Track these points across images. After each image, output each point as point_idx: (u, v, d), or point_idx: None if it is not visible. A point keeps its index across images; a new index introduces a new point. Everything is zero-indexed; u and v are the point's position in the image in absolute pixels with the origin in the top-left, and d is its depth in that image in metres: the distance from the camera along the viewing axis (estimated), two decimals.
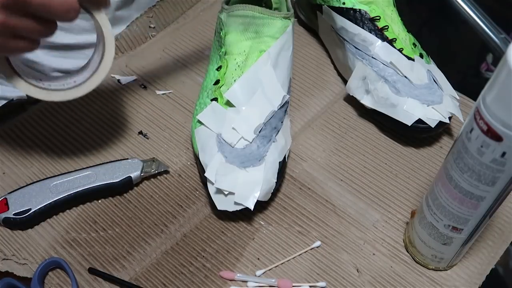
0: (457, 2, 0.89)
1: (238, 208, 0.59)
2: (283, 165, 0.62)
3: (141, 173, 0.63)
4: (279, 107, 0.63)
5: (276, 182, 0.60)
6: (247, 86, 0.63)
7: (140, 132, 0.69)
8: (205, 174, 0.59)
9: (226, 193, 0.58)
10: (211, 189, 0.59)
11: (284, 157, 0.63)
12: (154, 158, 0.65)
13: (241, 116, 0.62)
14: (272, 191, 0.60)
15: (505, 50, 0.41)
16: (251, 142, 0.60)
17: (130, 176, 0.62)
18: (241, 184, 0.59)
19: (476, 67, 0.87)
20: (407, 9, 0.82)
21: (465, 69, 0.85)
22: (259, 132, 0.61)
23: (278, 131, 0.63)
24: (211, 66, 0.67)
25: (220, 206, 0.59)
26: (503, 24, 0.85)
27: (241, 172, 0.59)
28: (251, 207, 0.58)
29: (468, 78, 0.80)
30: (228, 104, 0.62)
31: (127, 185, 0.63)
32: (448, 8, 0.89)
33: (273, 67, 0.64)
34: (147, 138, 0.68)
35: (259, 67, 0.63)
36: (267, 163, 0.60)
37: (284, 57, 0.65)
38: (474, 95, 0.71)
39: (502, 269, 0.59)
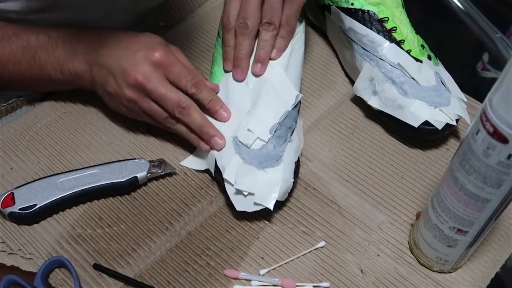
0: (453, 1, 0.89)
1: (258, 208, 0.59)
2: (297, 164, 0.62)
3: (147, 173, 0.63)
4: (292, 106, 0.63)
5: (292, 182, 0.60)
6: (258, 88, 0.63)
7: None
8: (224, 176, 0.59)
9: (245, 194, 0.59)
10: (230, 190, 0.59)
11: (298, 157, 0.63)
12: (161, 159, 0.65)
13: (255, 117, 0.62)
14: (289, 191, 0.61)
15: (501, 50, 0.41)
16: (267, 142, 0.61)
17: (136, 176, 0.62)
18: (260, 185, 0.59)
19: (472, 66, 0.87)
20: None
21: (461, 68, 0.85)
22: (275, 132, 0.61)
23: (293, 131, 0.63)
24: (217, 68, 0.67)
25: (239, 207, 0.59)
26: (499, 23, 0.85)
27: (259, 172, 0.59)
28: (271, 207, 0.58)
29: (464, 77, 0.80)
30: None
31: (132, 185, 0.63)
32: (444, 7, 0.89)
33: (285, 68, 0.65)
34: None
35: (269, 69, 0.64)
36: (285, 163, 0.60)
37: (296, 57, 0.66)
38: (470, 94, 0.71)
39: (500, 269, 0.59)
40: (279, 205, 0.63)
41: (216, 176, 0.63)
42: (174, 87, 0.61)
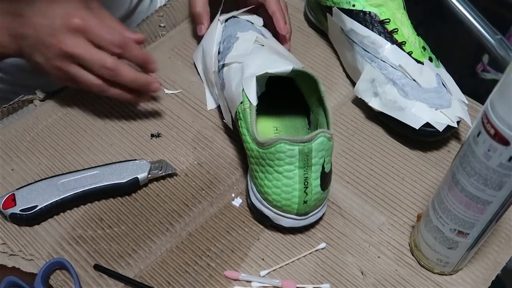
0: (453, 3, 0.89)
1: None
2: None
3: (148, 174, 0.63)
4: None
5: None
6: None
7: (153, 135, 0.69)
8: None
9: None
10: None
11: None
12: (162, 160, 0.65)
13: None
14: None
15: (501, 51, 0.41)
16: None
17: (137, 177, 0.62)
18: None
19: (472, 68, 0.87)
20: None
21: (461, 69, 0.85)
22: None
23: None
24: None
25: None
26: (499, 25, 0.85)
27: None
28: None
29: (464, 78, 0.81)
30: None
31: (133, 186, 0.63)
32: (444, 9, 0.89)
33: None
34: (159, 137, 0.68)
35: None
36: None
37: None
38: (470, 95, 0.71)
39: (500, 271, 0.59)
40: None
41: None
42: (99, 50, 0.61)
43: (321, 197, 0.57)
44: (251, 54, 0.63)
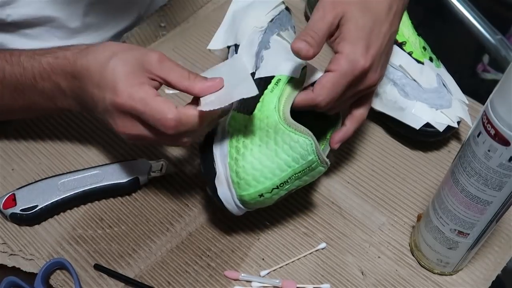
0: (453, 3, 0.89)
1: None
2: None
3: (148, 174, 0.63)
4: None
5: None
6: None
7: None
8: None
9: None
10: None
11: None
12: (162, 159, 0.65)
13: None
14: None
15: (502, 51, 0.41)
16: None
17: (138, 177, 0.63)
18: None
19: (473, 68, 0.87)
20: None
21: (461, 69, 0.85)
22: None
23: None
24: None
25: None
26: (499, 25, 0.85)
27: None
28: None
29: (464, 78, 0.80)
30: None
31: (134, 185, 0.63)
32: (444, 9, 0.89)
33: None
34: None
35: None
36: None
37: None
38: (470, 96, 0.71)
39: (501, 271, 0.59)
40: (279, 206, 0.63)
41: None
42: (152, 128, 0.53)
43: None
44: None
